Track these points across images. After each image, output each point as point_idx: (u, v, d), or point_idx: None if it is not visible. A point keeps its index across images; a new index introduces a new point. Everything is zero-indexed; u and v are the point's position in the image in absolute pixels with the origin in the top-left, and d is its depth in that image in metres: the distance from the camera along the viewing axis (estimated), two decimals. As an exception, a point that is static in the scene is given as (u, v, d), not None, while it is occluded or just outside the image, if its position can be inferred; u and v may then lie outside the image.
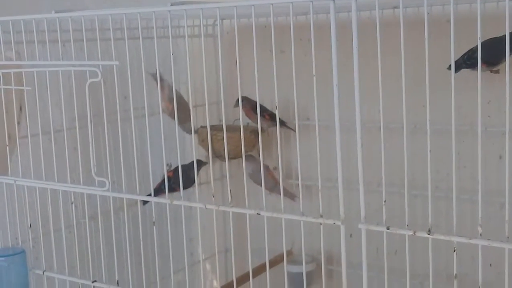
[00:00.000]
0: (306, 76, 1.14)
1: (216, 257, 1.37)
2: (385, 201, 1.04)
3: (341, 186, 1.07)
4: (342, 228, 1.09)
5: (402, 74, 1.00)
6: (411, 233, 1.00)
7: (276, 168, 2.17)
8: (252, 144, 2.05)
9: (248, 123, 2.10)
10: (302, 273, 1.97)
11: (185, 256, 1.39)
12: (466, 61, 1.42)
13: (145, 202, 1.69)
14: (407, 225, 1.02)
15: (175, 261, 1.41)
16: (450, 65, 1.02)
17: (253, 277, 1.69)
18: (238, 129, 2.12)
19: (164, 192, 1.36)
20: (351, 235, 1.89)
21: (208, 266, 2.29)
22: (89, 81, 1.29)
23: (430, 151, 0.97)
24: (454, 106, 0.96)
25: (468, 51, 1.45)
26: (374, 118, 1.24)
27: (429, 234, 0.99)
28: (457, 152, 1.06)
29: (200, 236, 1.34)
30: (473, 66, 1.46)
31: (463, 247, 1.04)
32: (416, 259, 1.43)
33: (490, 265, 1.75)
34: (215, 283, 2.31)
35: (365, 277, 1.09)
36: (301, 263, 1.99)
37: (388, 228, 1.03)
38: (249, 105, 1.95)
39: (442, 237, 0.98)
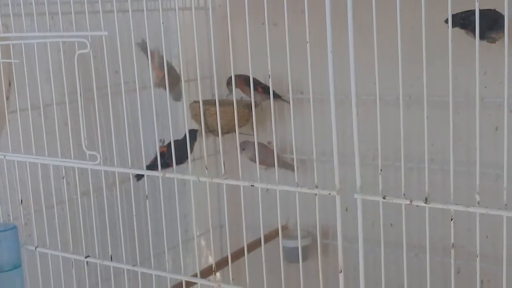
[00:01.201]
0: (299, 49, 1.12)
1: (211, 233, 1.35)
2: (381, 170, 1.02)
3: (336, 156, 1.06)
4: (338, 198, 1.07)
5: (399, 45, 0.97)
6: (407, 202, 0.99)
7: (270, 143, 2.16)
8: (245, 118, 2.03)
9: (241, 97, 2.09)
10: (298, 248, 1.99)
11: (179, 232, 1.37)
12: (461, 20, 1.40)
13: (139, 178, 1.69)
14: (404, 194, 1.00)
15: (169, 237, 1.39)
16: (447, 19, 0.98)
17: (248, 252, 1.69)
18: (231, 103, 2.11)
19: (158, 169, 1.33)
20: (346, 209, 1.89)
21: (202, 242, 2.29)
22: (77, 52, 1.26)
23: (427, 117, 0.95)
24: (451, 73, 0.94)
25: (465, 11, 1.43)
26: (368, 91, 1.22)
27: (425, 203, 0.97)
28: (454, 124, 1.04)
29: (194, 212, 1.32)
30: (466, 27, 1.44)
31: (460, 218, 1.03)
32: (412, 231, 1.42)
33: (487, 236, 1.75)
34: (210, 259, 2.31)
35: (361, 248, 1.07)
36: (297, 238, 2.00)
37: (384, 198, 1.01)
38: (242, 78, 1.93)
39: (439, 206, 0.97)
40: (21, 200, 1.52)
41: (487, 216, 0.98)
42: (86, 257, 1.43)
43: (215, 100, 2.14)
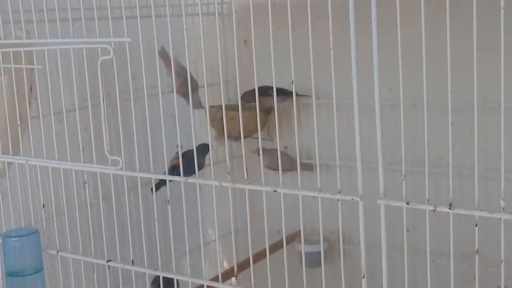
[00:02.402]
0: (316, 54, 1.12)
1: (233, 237, 1.36)
2: (404, 176, 1.03)
3: (359, 161, 1.06)
4: (361, 204, 1.08)
5: (423, 48, 0.97)
6: (431, 208, 0.99)
7: (286, 147, 2.17)
8: (262, 123, 2.04)
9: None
10: (314, 253, 1.99)
11: (201, 237, 1.38)
12: None
13: (157, 189, 1.70)
14: (427, 200, 1.01)
15: (187, 242, 1.40)
16: None
17: (263, 257, 1.69)
18: (247, 108, 2.14)
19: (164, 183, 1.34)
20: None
21: (219, 247, 2.29)
22: (101, 58, 1.27)
23: (451, 123, 0.96)
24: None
25: None
26: (384, 96, 1.23)
27: (450, 209, 0.98)
28: (469, 129, 1.04)
29: (216, 217, 1.33)
30: None
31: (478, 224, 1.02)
32: (430, 236, 1.42)
33: (504, 242, 1.74)
34: (225, 263, 2.32)
35: (384, 255, 1.08)
36: (313, 243, 2.01)
37: (408, 204, 1.02)
38: (249, 93, 1.92)
39: (463, 212, 0.97)
40: (43, 205, 1.53)
41: (505, 222, 0.97)
42: (107, 261, 1.44)
43: (231, 105, 2.20)
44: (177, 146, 1.87)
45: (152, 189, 1.73)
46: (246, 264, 1.74)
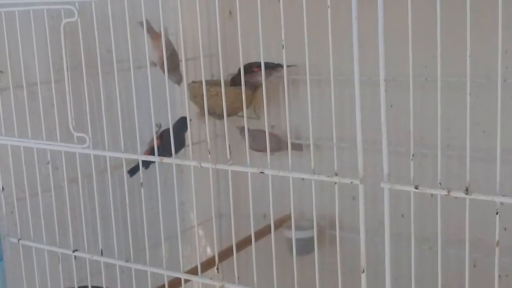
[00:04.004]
0: (311, 27, 0.99)
1: (213, 223, 1.21)
2: (413, 155, 0.88)
3: (360, 141, 0.92)
4: (361, 188, 0.94)
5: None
6: (444, 193, 0.85)
7: (273, 127, 2.03)
8: (248, 100, 1.91)
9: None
10: (304, 239, 1.87)
11: (178, 223, 1.23)
12: None
13: (132, 173, 1.60)
14: (440, 184, 0.86)
15: (165, 227, 1.25)
16: None
17: (247, 244, 1.57)
18: (232, 84, 1.99)
19: (153, 161, 1.19)
20: (353, 198, 1.77)
21: (200, 232, 2.16)
22: (64, 21, 1.11)
23: (469, 97, 0.82)
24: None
25: None
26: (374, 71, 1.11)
27: (467, 194, 0.83)
28: (472, 107, 0.93)
29: (194, 200, 1.18)
30: None
31: (477, 210, 0.91)
32: (425, 222, 1.30)
33: (505, 229, 1.63)
34: (208, 250, 2.19)
35: (387, 244, 0.94)
36: (302, 228, 1.89)
37: (417, 188, 0.87)
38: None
39: (482, 197, 0.83)
40: (2, 188, 1.39)
41: (506, 207, 0.85)
42: (74, 251, 1.29)
43: (215, 80, 2.06)
44: (156, 125, 1.73)
45: (129, 172, 1.60)
46: (229, 252, 1.62)
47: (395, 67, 1.31)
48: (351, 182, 0.94)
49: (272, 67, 1.79)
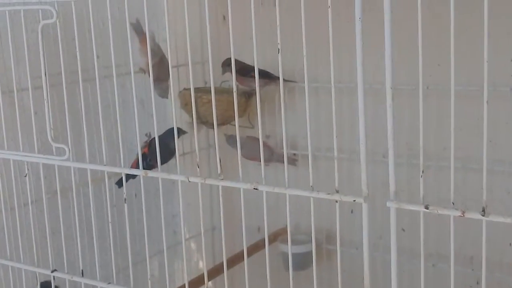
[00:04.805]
0: (307, 32, 0.90)
1: (202, 240, 1.13)
2: (423, 172, 0.80)
3: (364, 154, 0.83)
4: (365, 206, 0.85)
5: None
6: (458, 214, 0.76)
7: (269, 137, 1.94)
8: (242, 108, 1.83)
9: (237, 85, 1.88)
10: (300, 254, 1.79)
11: (164, 239, 1.14)
12: None
13: (120, 185, 1.51)
14: (453, 203, 0.77)
15: (155, 241, 1.17)
16: None
17: (241, 260, 1.49)
18: (225, 91, 1.91)
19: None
20: (352, 211, 1.69)
21: (192, 246, 2.07)
22: (42, 22, 1.02)
23: (486, 111, 0.73)
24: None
25: None
26: (381, 80, 1.03)
27: (483, 216, 0.74)
28: (477, 118, 0.91)
29: (182, 215, 1.09)
30: None
31: (477, 226, 0.82)
32: (429, 238, 1.22)
33: (510, 244, 1.56)
34: (200, 264, 2.10)
35: (394, 265, 0.85)
36: (299, 243, 1.80)
37: (427, 208, 0.78)
38: (236, 67, 1.73)
39: (501, 219, 0.74)
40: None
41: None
42: (52, 271, 1.19)
43: (208, 88, 1.97)
44: (146, 134, 1.64)
45: (116, 183, 1.51)
46: (223, 267, 1.54)
47: (395, 75, 1.24)
48: (354, 201, 0.85)
49: (270, 77, 1.70)
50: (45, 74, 1.07)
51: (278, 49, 0.88)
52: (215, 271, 1.61)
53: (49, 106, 1.09)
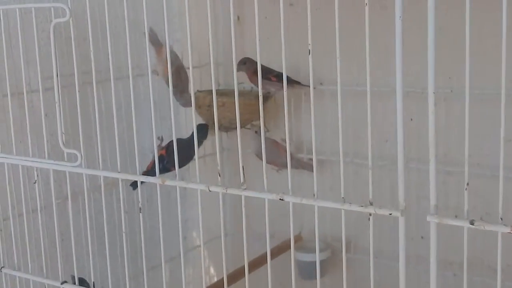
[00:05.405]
0: (318, 34, 0.89)
1: (223, 244, 1.06)
2: (467, 184, 0.73)
3: (402, 164, 0.77)
4: (401, 220, 0.78)
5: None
6: (507, 230, 0.70)
7: (284, 140, 1.89)
8: (257, 111, 1.76)
9: (252, 87, 1.83)
10: (314, 263, 1.73)
11: (181, 247, 1.08)
12: None
13: (135, 187, 1.44)
14: (501, 219, 0.71)
15: (167, 248, 1.11)
16: None
17: (256, 267, 1.45)
18: (240, 94, 1.84)
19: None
20: (369, 218, 1.63)
21: (204, 252, 2.01)
22: (54, 21, 0.97)
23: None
24: None
25: None
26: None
27: (537, 233, 0.68)
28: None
29: (201, 224, 1.04)
30: None
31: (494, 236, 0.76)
32: (450, 247, 1.16)
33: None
34: (211, 270, 2.04)
35: (433, 279, 0.79)
36: (313, 251, 1.74)
37: (472, 223, 0.72)
38: (252, 67, 1.68)
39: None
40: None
41: None
42: (62, 283, 1.13)
43: (222, 90, 1.92)
44: (158, 138, 1.59)
45: (131, 185, 1.45)
46: (235, 275, 1.49)
47: (415, 78, 1.18)
48: (390, 214, 0.79)
49: (290, 82, 1.65)
50: (57, 75, 1.02)
51: (309, 50, 0.82)
52: (228, 278, 1.57)
53: (61, 109, 1.03)
